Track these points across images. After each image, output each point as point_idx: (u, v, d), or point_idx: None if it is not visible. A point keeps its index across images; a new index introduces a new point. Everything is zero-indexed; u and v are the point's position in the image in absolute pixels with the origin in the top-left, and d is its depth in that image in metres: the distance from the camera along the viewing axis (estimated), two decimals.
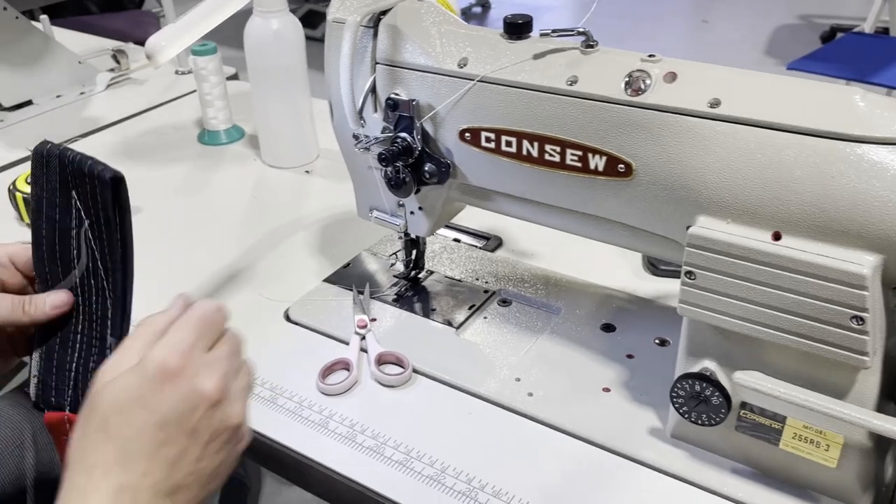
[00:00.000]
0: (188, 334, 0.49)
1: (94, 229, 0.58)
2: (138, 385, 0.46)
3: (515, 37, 0.61)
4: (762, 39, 3.58)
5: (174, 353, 0.47)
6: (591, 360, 0.69)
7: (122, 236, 0.59)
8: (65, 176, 0.58)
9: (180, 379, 0.47)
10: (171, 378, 0.47)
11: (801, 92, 0.51)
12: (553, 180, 0.60)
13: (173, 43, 0.66)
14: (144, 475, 0.44)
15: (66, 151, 0.58)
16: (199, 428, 0.46)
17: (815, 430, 0.54)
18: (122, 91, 1.31)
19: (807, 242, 0.49)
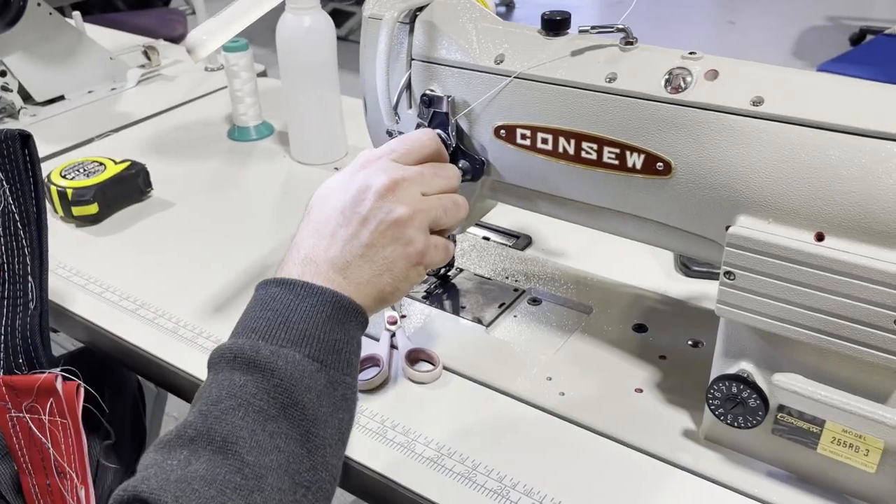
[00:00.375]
0: (383, 146, 0.58)
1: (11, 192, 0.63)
2: (336, 180, 0.57)
3: (553, 33, 0.60)
4: (790, 41, 3.54)
5: (369, 153, 0.58)
6: (623, 361, 0.69)
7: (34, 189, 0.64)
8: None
9: (358, 174, 0.56)
10: (352, 173, 0.56)
11: (846, 90, 0.50)
12: (589, 178, 0.60)
13: (214, 37, 0.67)
14: (325, 250, 0.53)
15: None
16: (368, 216, 0.53)
17: (854, 435, 0.53)
18: (153, 87, 1.33)
19: (850, 243, 0.49)
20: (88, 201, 0.91)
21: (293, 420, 0.46)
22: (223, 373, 0.47)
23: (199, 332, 0.75)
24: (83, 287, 0.82)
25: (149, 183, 0.98)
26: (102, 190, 0.92)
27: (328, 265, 0.52)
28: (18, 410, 0.61)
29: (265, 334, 0.49)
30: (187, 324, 0.76)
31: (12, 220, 0.65)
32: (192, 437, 0.44)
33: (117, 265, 0.86)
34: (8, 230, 0.64)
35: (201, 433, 0.44)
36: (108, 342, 0.76)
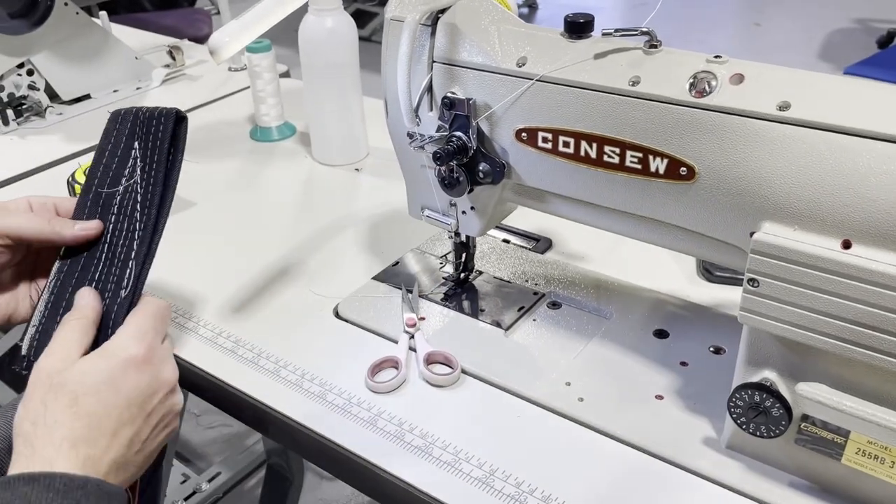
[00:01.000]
0: (148, 326, 0.56)
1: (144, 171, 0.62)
2: (108, 369, 0.52)
3: (576, 36, 0.60)
4: (816, 43, 3.50)
5: (140, 342, 0.54)
6: (644, 367, 0.68)
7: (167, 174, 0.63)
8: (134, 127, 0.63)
9: (146, 366, 0.53)
10: (138, 364, 0.53)
11: (875, 95, 0.49)
12: (611, 182, 0.59)
13: (236, 39, 0.67)
14: (107, 450, 0.50)
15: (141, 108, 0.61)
16: (154, 411, 0.53)
17: (880, 446, 0.52)
18: (177, 87, 1.34)
19: (878, 252, 0.48)
20: None
21: None
22: None
23: (220, 331, 0.75)
24: None
25: None
26: None
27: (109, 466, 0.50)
28: None
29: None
30: (208, 323, 0.76)
31: (133, 200, 0.61)
32: None
33: None
34: (125, 209, 0.61)
35: None
36: None
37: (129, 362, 0.53)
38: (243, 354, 0.72)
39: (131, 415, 0.52)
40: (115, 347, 0.54)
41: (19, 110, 1.21)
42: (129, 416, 0.51)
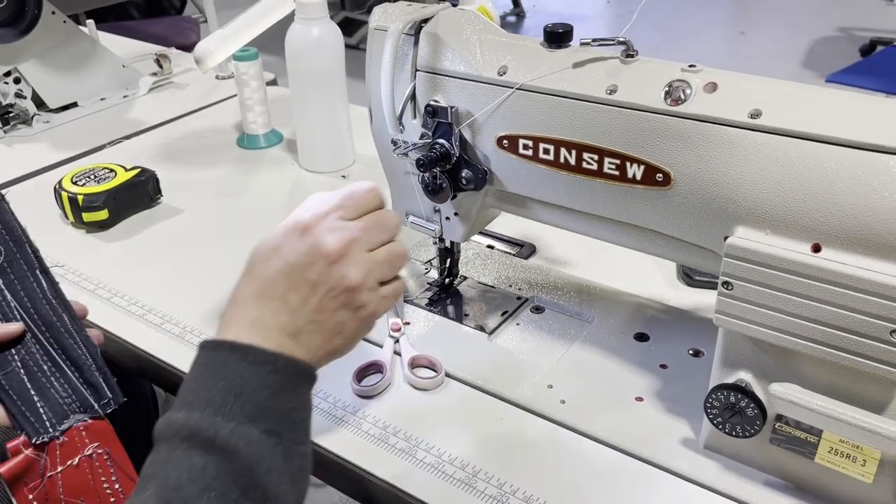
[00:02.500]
0: (330, 200, 0.55)
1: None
2: (279, 236, 0.53)
3: (555, 46, 0.61)
4: (800, 52, 3.53)
5: (310, 211, 0.54)
6: (624, 369, 0.69)
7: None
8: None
9: (308, 233, 0.52)
10: (301, 231, 0.53)
11: (843, 103, 0.51)
12: (590, 188, 0.60)
13: (221, 48, 0.68)
14: (274, 314, 0.51)
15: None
16: (318, 281, 0.51)
17: (851, 445, 0.53)
18: (165, 95, 1.34)
19: (847, 255, 0.49)
20: (98, 207, 0.92)
21: (254, 500, 0.45)
22: (179, 451, 0.45)
23: (206, 336, 0.76)
24: (92, 292, 0.83)
25: (158, 190, 1.00)
26: (112, 196, 0.94)
27: (278, 331, 0.50)
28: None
29: (221, 408, 0.46)
30: (194, 329, 0.77)
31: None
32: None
33: (126, 271, 0.87)
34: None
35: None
36: (116, 347, 0.77)
37: (292, 229, 0.53)
38: None
39: (293, 281, 0.51)
40: (291, 216, 0.55)
41: (6, 118, 1.21)
42: (292, 281, 0.51)
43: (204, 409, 0.46)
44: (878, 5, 4.14)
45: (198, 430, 0.45)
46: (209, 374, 0.48)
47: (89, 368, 0.60)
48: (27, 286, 0.62)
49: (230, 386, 0.47)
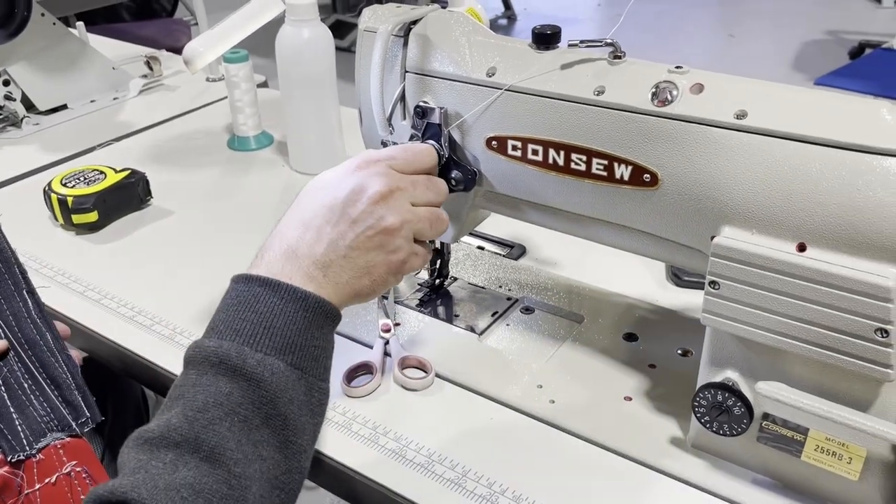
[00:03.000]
0: (384, 150, 0.59)
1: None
2: (331, 175, 0.56)
3: (544, 47, 0.62)
4: (789, 54, 3.56)
5: (363, 155, 0.57)
6: (614, 369, 0.70)
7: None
8: None
9: (356, 173, 0.55)
10: (349, 169, 0.56)
11: (828, 105, 0.51)
12: (578, 189, 0.61)
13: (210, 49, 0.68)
14: (310, 245, 0.53)
15: None
16: (357, 219, 0.54)
17: (837, 443, 0.54)
18: (155, 97, 1.34)
19: (832, 254, 0.50)
20: (88, 209, 0.92)
21: (275, 429, 0.48)
22: (207, 376, 0.48)
23: (196, 338, 0.76)
24: (82, 294, 0.83)
25: (148, 191, 1.00)
26: (102, 198, 0.94)
27: (310, 261, 0.53)
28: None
29: (249, 339, 0.49)
30: (184, 330, 0.77)
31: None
32: (178, 442, 0.45)
33: (116, 273, 0.87)
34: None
35: (188, 440, 0.45)
36: (105, 349, 0.77)
37: (344, 169, 0.56)
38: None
39: (334, 214, 0.54)
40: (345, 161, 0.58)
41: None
42: (332, 214, 0.54)
43: (234, 339, 0.49)
44: (866, 8, 4.17)
45: (226, 358, 0.48)
46: (240, 306, 0.51)
47: (69, 387, 0.61)
48: (13, 305, 0.62)
49: (260, 319, 0.50)
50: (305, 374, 0.50)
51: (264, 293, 0.51)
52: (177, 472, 0.44)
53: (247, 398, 0.47)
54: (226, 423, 0.46)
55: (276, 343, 0.49)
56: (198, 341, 0.50)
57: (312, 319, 0.51)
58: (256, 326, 0.49)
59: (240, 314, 0.50)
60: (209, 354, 0.48)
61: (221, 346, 0.49)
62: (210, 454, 0.45)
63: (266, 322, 0.50)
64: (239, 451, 0.46)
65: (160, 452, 0.45)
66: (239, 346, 0.48)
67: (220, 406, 0.46)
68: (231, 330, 0.50)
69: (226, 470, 0.45)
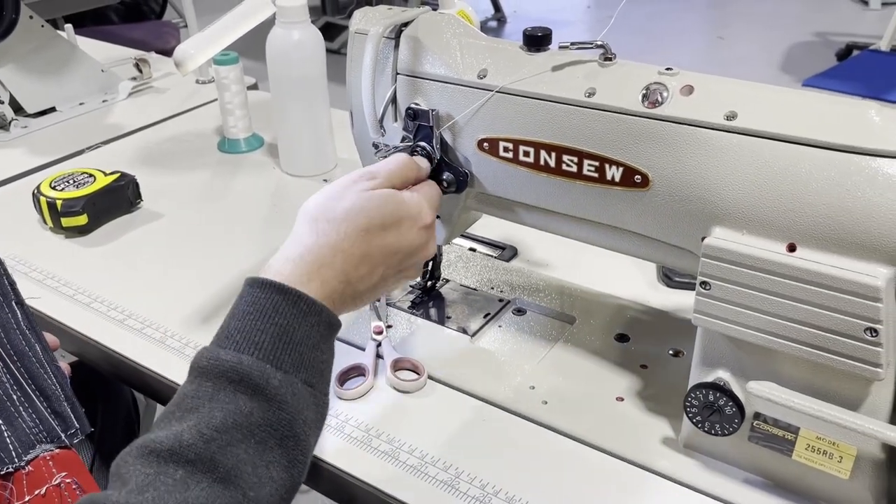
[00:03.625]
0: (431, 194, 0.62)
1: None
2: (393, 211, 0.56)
3: (535, 49, 0.62)
4: (778, 56, 3.58)
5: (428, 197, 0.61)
6: (606, 370, 0.70)
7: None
8: None
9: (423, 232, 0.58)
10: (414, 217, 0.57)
11: (817, 106, 0.52)
12: (570, 190, 0.61)
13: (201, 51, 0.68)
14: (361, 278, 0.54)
15: None
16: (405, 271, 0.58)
17: (828, 442, 0.54)
18: (144, 99, 1.34)
19: (821, 254, 0.50)
20: (78, 212, 0.92)
21: (287, 449, 0.47)
22: (225, 393, 0.46)
23: (187, 342, 0.76)
24: (71, 297, 0.83)
25: (138, 194, 0.99)
26: (92, 201, 0.93)
27: (351, 294, 0.53)
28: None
29: (270, 355, 0.47)
30: (175, 334, 0.77)
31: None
32: (191, 460, 0.43)
33: (106, 276, 0.87)
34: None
35: (202, 459, 0.44)
36: (96, 352, 0.77)
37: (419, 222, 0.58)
38: None
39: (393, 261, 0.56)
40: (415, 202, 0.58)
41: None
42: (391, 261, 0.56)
43: (254, 353, 0.47)
44: (854, 10, 4.20)
45: (248, 376, 0.46)
46: (258, 315, 0.48)
47: (58, 398, 0.60)
48: (2, 316, 0.62)
49: (280, 332, 0.48)
50: (314, 391, 0.49)
51: (284, 304, 0.49)
52: (188, 491, 0.42)
53: (266, 420, 0.46)
54: (243, 446, 0.45)
55: (294, 360, 0.48)
56: (212, 351, 0.48)
57: (322, 332, 0.50)
58: (277, 341, 0.48)
59: (258, 325, 0.48)
60: (227, 369, 0.46)
61: (241, 361, 0.47)
62: (226, 476, 0.44)
63: (286, 337, 0.48)
64: (255, 474, 0.45)
65: (169, 468, 0.43)
66: (260, 364, 0.47)
67: (239, 427, 0.45)
68: (250, 343, 0.48)
69: (241, 493, 0.44)
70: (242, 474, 0.44)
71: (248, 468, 0.44)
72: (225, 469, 0.44)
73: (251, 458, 0.45)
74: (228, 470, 0.44)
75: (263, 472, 0.45)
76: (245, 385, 0.46)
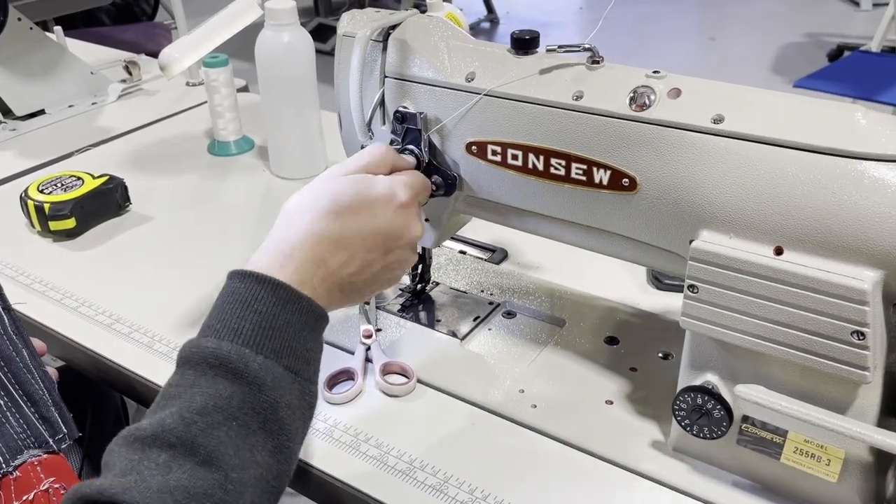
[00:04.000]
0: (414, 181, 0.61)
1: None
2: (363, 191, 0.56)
3: (522, 52, 0.62)
4: (769, 57, 3.59)
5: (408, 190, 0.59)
6: (595, 373, 0.70)
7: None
8: None
9: (404, 211, 0.57)
10: (398, 207, 0.57)
11: (804, 109, 0.52)
12: (558, 193, 0.61)
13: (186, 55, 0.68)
14: (341, 264, 0.54)
15: None
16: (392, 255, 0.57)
17: (816, 445, 0.54)
18: (134, 102, 1.33)
19: (808, 257, 0.50)
20: (66, 216, 0.91)
21: (271, 433, 0.47)
22: (206, 378, 0.47)
23: (175, 346, 0.75)
24: (59, 302, 0.82)
25: (127, 197, 0.99)
26: (80, 204, 0.93)
27: (335, 278, 0.54)
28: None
29: (250, 341, 0.48)
30: (163, 338, 0.76)
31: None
32: (173, 443, 0.44)
33: (94, 280, 0.86)
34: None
35: (184, 442, 0.44)
36: (83, 357, 0.76)
37: (393, 202, 0.57)
38: None
39: (375, 245, 0.55)
40: (386, 183, 0.57)
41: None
42: (373, 245, 0.55)
43: (233, 340, 0.48)
44: (846, 11, 4.22)
45: (227, 360, 0.46)
46: (238, 304, 0.49)
47: (45, 404, 0.60)
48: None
49: (259, 319, 0.49)
50: (299, 378, 0.49)
51: (263, 292, 0.50)
52: (170, 473, 0.43)
53: (247, 402, 0.46)
54: (224, 428, 0.45)
55: (275, 346, 0.48)
56: (194, 340, 0.49)
57: (306, 321, 0.51)
58: (256, 327, 0.48)
59: (238, 313, 0.49)
60: (207, 355, 0.47)
61: (221, 346, 0.47)
62: (207, 458, 0.44)
63: (265, 323, 0.49)
64: (237, 456, 0.45)
65: (152, 452, 0.44)
66: (239, 348, 0.47)
67: (219, 410, 0.45)
68: (230, 330, 0.48)
69: (222, 475, 0.44)
70: (224, 456, 0.44)
71: (229, 451, 0.45)
72: (206, 451, 0.44)
73: (233, 440, 0.45)
74: (209, 452, 0.44)
75: (246, 455, 0.46)
76: (224, 369, 0.47)
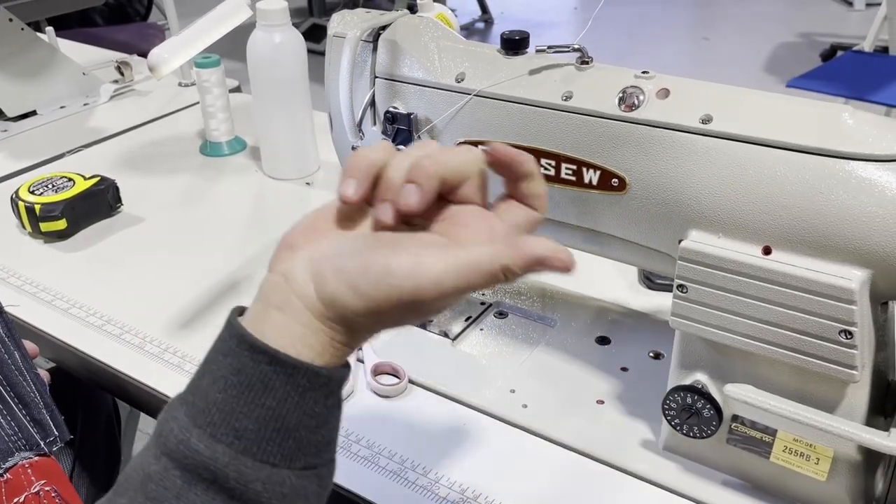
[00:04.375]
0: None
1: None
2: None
3: (512, 52, 0.62)
4: (762, 57, 3.60)
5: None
6: (586, 373, 0.70)
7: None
8: None
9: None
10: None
11: (792, 109, 0.52)
12: (548, 194, 0.61)
13: (176, 55, 0.68)
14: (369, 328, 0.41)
15: None
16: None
17: (805, 444, 0.54)
18: (126, 102, 1.33)
19: (796, 257, 0.50)
20: (56, 217, 0.91)
21: None
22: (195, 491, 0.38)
23: (166, 347, 0.75)
24: (50, 304, 0.82)
25: (118, 198, 0.99)
26: (71, 205, 0.92)
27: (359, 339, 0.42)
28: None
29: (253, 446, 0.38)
30: (154, 339, 0.76)
31: None
32: None
33: (85, 281, 0.86)
34: None
35: None
36: (74, 359, 0.76)
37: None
38: (190, 370, 0.72)
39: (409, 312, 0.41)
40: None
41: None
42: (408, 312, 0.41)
43: (232, 444, 0.38)
44: (839, 11, 4.23)
45: (223, 477, 0.37)
46: (242, 391, 0.38)
47: (37, 406, 0.60)
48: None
49: (268, 417, 0.38)
50: (318, 470, 0.40)
51: (277, 378, 0.38)
52: None
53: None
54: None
55: (286, 449, 0.38)
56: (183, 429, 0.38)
57: (332, 404, 0.40)
58: (263, 428, 0.38)
59: (240, 403, 0.38)
60: (199, 464, 0.37)
61: (216, 456, 0.37)
62: None
63: (275, 423, 0.38)
64: None
65: None
66: (239, 458, 0.38)
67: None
68: (229, 428, 0.38)
69: None
70: None
71: None
72: None
73: None
74: None
75: None
76: (220, 486, 0.37)
